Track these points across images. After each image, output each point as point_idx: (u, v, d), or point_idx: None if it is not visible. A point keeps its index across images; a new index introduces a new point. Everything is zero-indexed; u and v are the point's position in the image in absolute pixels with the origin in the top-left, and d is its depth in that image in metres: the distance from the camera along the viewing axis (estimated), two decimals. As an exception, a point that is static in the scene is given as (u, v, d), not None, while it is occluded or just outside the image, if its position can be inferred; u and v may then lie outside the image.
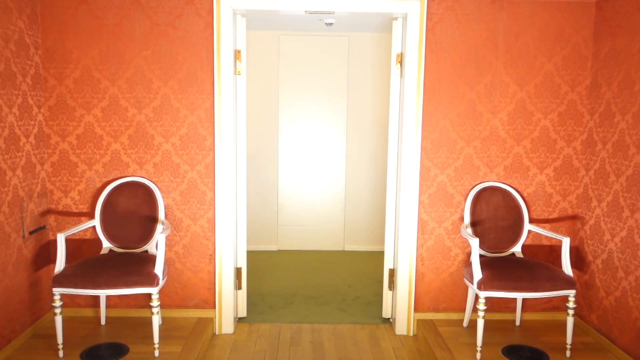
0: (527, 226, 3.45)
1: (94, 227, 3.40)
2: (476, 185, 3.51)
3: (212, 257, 3.54)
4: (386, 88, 5.27)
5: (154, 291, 2.96)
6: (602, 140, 3.33)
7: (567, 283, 3.01)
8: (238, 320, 3.79)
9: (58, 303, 2.91)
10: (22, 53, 3.15)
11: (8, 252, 3.05)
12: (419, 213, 3.53)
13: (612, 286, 3.22)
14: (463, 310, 3.57)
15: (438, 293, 3.61)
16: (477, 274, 3.03)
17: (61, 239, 3.00)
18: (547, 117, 3.49)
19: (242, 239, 3.72)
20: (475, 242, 3.09)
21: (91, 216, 3.44)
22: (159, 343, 3.03)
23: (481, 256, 3.35)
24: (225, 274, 3.54)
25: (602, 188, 3.33)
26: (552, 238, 3.51)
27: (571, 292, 3.02)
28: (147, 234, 3.38)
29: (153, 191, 3.42)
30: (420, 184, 3.50)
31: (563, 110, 3.49)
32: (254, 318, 3.86)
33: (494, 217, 3.44)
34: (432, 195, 3.52)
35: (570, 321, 3.07)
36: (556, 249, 3.58)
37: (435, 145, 3.48)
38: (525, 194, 3.54)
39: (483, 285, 2.99)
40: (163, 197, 3.47)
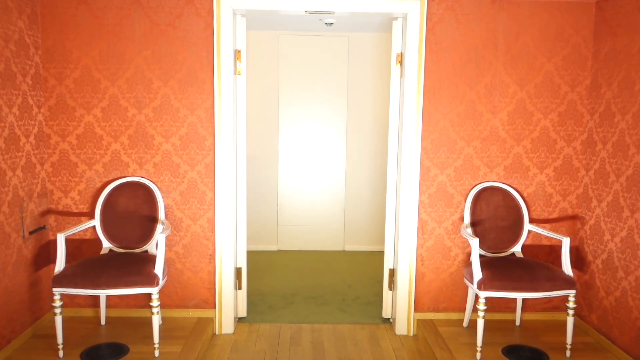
0: (527, 226, 3.45)
1: (94, 227, 3.40)
2: (476, 185, 3.51)
3: (212, 257, 3.55)
4: (386, 88, 5.27)
5: (154, 291, 2.96)
6: (602, 140, 3.33)
7: (567, 283, 3.01)
8: (238, 320, 3.80)
9: (58, 303, 2.91)
10: (22, 53, 3.15)
11: (8, 252, 3.05)
12: (419, 213, 3.53)
13: (612, 286, 3.22)
14: (463, 310, 3.57)
15: (438, 293, 3.61)
16: (477, 274, 3.03)
17: (61, 239, 3.00)
18: (547, 117, 3.49)
19: (242, 239, 3.72)
20: (475, 242, 3.09)
21: (91, 216, 3.45)
22: (159, 343, 3.04)
23: (481, 256, 3.35)
24: (225, 274, 3.54)
25: (602, 188, 3.33)
26: (552, 238, 3.51)
27: (571, 292, 3.02)
28: (147, 234, 3.38)
29: (153, 191, 3.42)
30: (420, 184, 3.50)
31: (563, 110, 3.49)
32: (254, 318, 3.86)
33: (494, 217, 3.44)
34: (432, 195, 3.52)
35: (570, 321, 3.07)
36: (556, 249, 3.58)
37: (435, 145, 3.48)
38: (525, 194, 3.54)
39: (483, 285, 2.99)
40: (163, 197, 3.47)
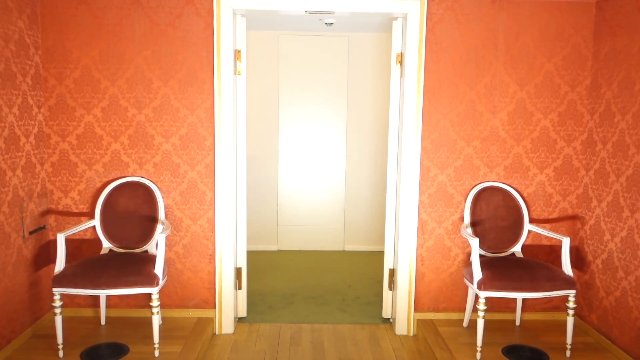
0: (527, 226, 3.45)
1: (94, 227, 3.40)
2: (476, 185, 3.51)
3: (212, 257, 3.54)
4: (386, 88, 5.27)
5: (154, 291, 2.96)
6: (602, 140, 3.33)
7: (567, 283, 3.01)
8: (238, 320, 3.80)
9: (58, 303, 2.91)
10: (22, 53, 3.15)
11: (8, 252, 3.05)
12: (419, 213, 3.53)
13: (612, 286, 3.22)
14: (463, 310, 3.57)
15: (438, 293, 3.61)
16: (477, 274, 3.03)
17: (61, 239, 3.00)
18: (547, 117, 3.49)
19: (242, 239, 3.72)
20: (475, 242, 3.09)
21: (91, 216, 3.45)
22: (159, 343, 3.03)
23: (481, 256, 3.35)
24: (225, 274, 3.54)
25: (602, 188, 3.33)
26: (552, 238, 3.51)
27: (571, 292, 3.02)
28: (147, 234, 3.38)
29: (153, 191, 3.42)
30: (420, 184, 3.50)
31: (563, 110, 3.49)
32: (254, 318, 3.86)
33: (494, 217, 3.44)
34: (432, 195, 3.52)
35: (570, 321, 3.07)
36: (556, 249, 3.58)
37: (435, 145, 3.48)
38: (525, 194, 3.54)
39: (483, 285, 2.99)
40: (163, 197, 3.47)
